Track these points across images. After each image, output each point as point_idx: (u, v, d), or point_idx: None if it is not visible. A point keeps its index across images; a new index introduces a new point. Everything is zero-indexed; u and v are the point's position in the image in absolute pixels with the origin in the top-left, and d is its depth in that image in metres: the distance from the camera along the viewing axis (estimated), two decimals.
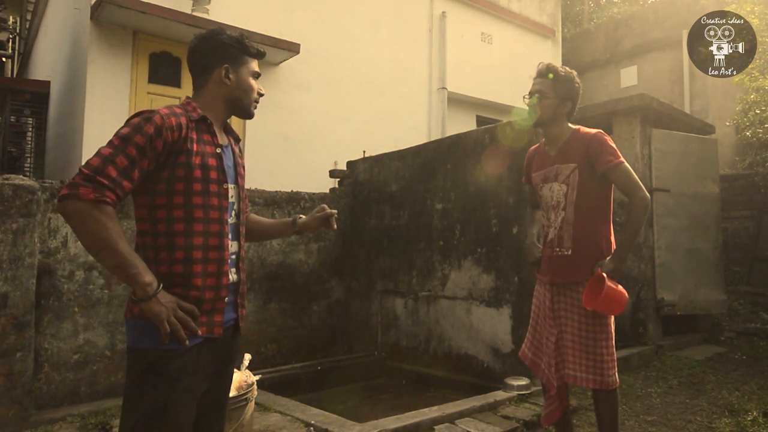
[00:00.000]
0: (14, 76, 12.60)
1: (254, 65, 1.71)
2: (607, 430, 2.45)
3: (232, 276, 1.63)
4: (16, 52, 13.17)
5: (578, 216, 2.43)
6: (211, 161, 1.57)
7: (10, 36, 12.45)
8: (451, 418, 3.18)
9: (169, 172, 1.50)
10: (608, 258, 2.40)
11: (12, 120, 8.27)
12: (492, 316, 4.03)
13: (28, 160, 8.45)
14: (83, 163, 1.41)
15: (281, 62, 6.84)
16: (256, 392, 2.68)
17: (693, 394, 4.00)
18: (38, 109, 8.25)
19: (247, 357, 2.79)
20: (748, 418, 3.34)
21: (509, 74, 9.51)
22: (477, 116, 9.36)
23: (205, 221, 1.54)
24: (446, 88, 8.70)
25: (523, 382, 3.62)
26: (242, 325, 1.70)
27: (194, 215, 1.52)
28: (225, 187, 1.60)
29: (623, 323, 5.02)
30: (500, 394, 3.54)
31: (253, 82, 1.69)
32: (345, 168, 5.66)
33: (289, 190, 4.91)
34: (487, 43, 9.58)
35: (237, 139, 1.77)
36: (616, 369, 2.44)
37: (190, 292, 1.50)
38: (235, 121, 6.74)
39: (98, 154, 1.42)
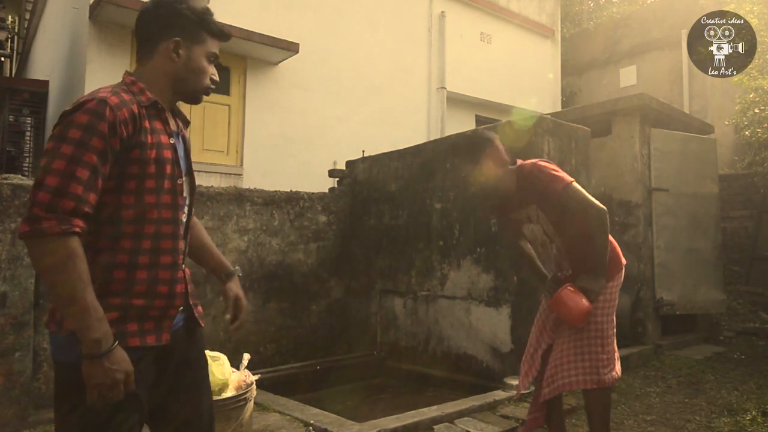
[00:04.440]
0: (13, 75, 12.59)
1: (213, 46, 1.47)
2: (598, 428, 2.46)
3: (184, 279, 1.46)
4: (15, 52, 13.15)
5: (566, 243, 2.48)
6: (166, 153, 1.37)
7: (9, 35, 12.44)
8: (450, 418, 3.18)
9: (120, 169, 1.29)
10: (583, 274, 2.42)
11: (11, 120, 8.25)
12: (491, 316, 4.03)
13: (27, 159, 8.44)
14: (36, 184, 1.20)
15: (280, 62, 6.84)
16: (255, 392, 2.67)
17: (692, 393, 4.01)
18: (37, 108, 8.24)
19: (246, 357, 2.79)
20: (747, 418, 3.34)
21: (508, 74, 9.52)
22: (476, 116, 9.36)
23: (158, 222, 1.35)
24: (445, 88, 8.70)
25: None
26: (204, 322, 1.54)
27: (146, 216, 1.33)
28: (180, 183, 1.41)
29: (622, 323, 5.01)
30: (499, 394, 3.54)
31: (206, 64, 1.45)
32: (344, 168, 5.66)
33: (288, 190, 4.91)
34: (487, 43, 9.58)
35: (186, 123, 1.55)
36: (614, 366, 2.45)
37: (132, 300, 1.32)
38: (237, 120, 6.75)
39: (50, 170, 1.20)
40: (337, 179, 5.68)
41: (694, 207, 5.54)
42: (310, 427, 3.01)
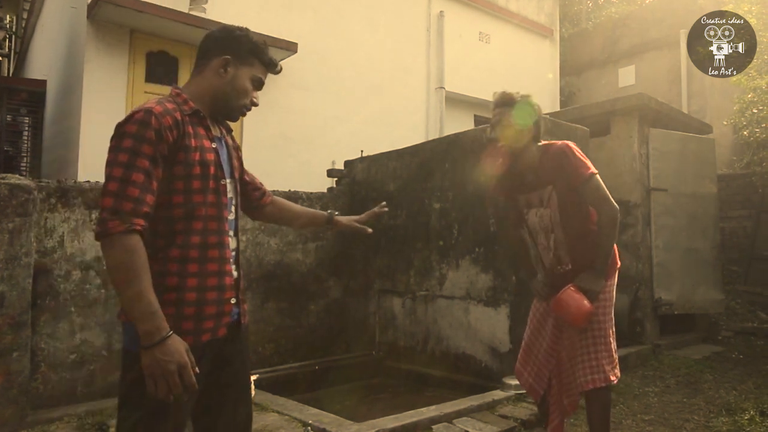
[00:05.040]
0: (10, 75, 12.56)
1: (260, 72, 1.64)
2: (597, 428, 2.46)
3: (234, 273, 1.60)
4: (12, 51, 13.12)
5: (568, 234, 2.43)
6: (209, 156, 1.52)
7: (6, 35, 12.41)
8: (448, 418, 3.18)
9: (169, 171, 1.44)
10: (583, 272, 2.39)
11: (8, 119, 8.23)
12: (490, 316, 4.03)
13: (25, 159, 8.42)
14: (102, 191, 1.38)
15: (279, 61, 6.83)
16: (253, 392, 2.67)
17: (690, 393, 4.01)
18: (35, 108, 8.21)
19: None
20: (745, 417, 3.35)
21: (507, 74, 9.51)
22: (475, 116, 9.35)
23: (205, 219, 1.49)
24: (444, 88, 8.69)
25: None
26: (246, 320, 1.65)
27: (194, 213, 1.47)
28: (223, 183, 1.56)
29: (621, 322, 5.02)
30: (498, 394, 3.54)
31: (249, 86, 1.61)
32: (342, 167, 5.65)
33: (287, 190, 4.90)
34: (485, 43, 9.58)
35: (229, 130, 1.71)
36: (615, 365, 2.45)
37: (185, 294, 1.45)
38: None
39: (111, 177, 1.36)
40: (336, 179, 5.68)
41: (692, 207, 5.55)
42: (309, 427, 3.01)
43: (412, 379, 4.49)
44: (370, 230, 2.01)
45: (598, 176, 2.35)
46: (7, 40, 13.12)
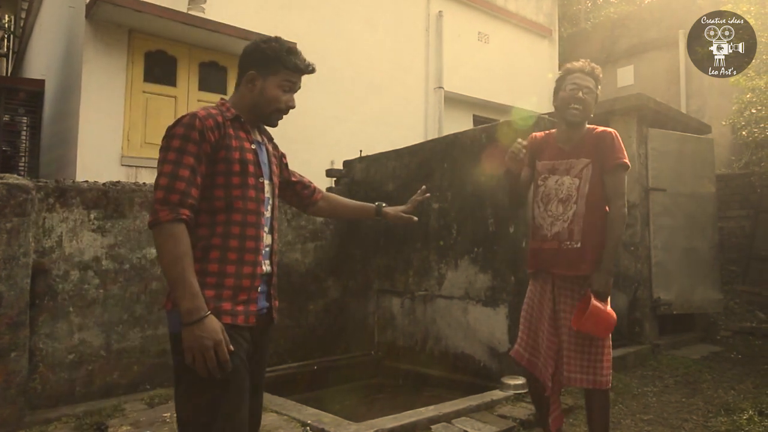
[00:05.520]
0: (9, 74, 12.54)
1: (290, 77, 1.75)
2: (597, 428, 2.46)
3: (266, 267, 1.70)
4: (11, 51, 13.11)
5: (588, 209, 2.45)
6: (248, 156, 1.66)
7: (5, 34, 12.40)
8: (447, 418, 3.18)
9: (211, 168, 1.60)
10: (595, 274, 2.39)
11: (6, 119, 8.22)
12: (489, 316, 4.03)
13: (23, 159, 8.41)
14: (155, 185, 1.55)
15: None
16: None
17: (689, 393, 4.01)
18: (33, 108, 8.20)
19: None
20: (744, 417, 3.35)
21: (506, 74, 9.52)
22: (474, 116, 9.36)
23: (244, 212, 1.63)
24: (443, 88, 8.69)
25: (520, 381, 3.61)
26: (276, 316, 1.76)
27: (234, 206, 1.61)
28: (261, 181, 1.69)
29: (620, 323, 5.01)
30: (497, 394, 3.54)
31: (278, 93, 1.73)
32: (341, 167, 5.65)
33: None
34: (484, 43, 9.58)
35: (270, 138, 1.86)
36: (611, 370, 2.44)
37: (225, 280, 1.58)
38: None
39: (162, 173, 1.54)
40: (335, 179, 5.67)
41: (691, 207, 5.55)
42: (308, 427, 3.01)
43: (411, 379, 4.49)
44: (416, 218, 2.13)
45: (625, 173, 2.45)
46: (6, 39, 13.11)
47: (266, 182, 1.72)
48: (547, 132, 2.70)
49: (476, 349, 4.10)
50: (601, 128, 2.54)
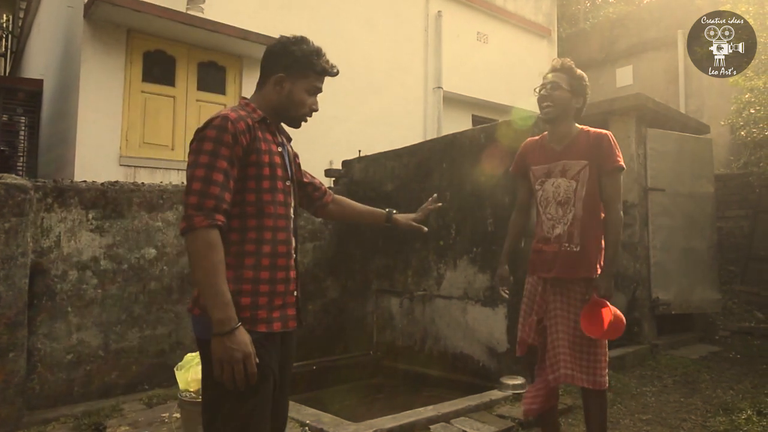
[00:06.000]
0: (7, 74, 12.52)
1: (317, 81, 1.75)
2: (595, 428, 2.46)
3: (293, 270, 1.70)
4: (9, 51, 13.08)
5: (585, 212, 2.45)
6: (277, 159, 1.65)
7: (3, 34, 12.38)
8: (446, 418, 3.17)
9: (243, 172, 1.57)
10: (598, 277, 2.39)
11: (5, 119, 8.20)
12: (487, 316, 4.02)
13: (21, 159, 8.39)
14: (186, 190, 1.51)
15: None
16: None
17: (688, 392, 4.01)
18: (31, 108, 8.19)
19: None
20: (742, 417, 3.35)
21: (505, 74, 9.52)
22: (473, 116, 9.36)
23: (275, 216, 1.62)
24: (442, 88, 8.69)
25: (519, 381, 3.61)
26: (303, 317, 1.76)
27: (265, 210, 1.59)
28: (288, 184, 1.69)
29: None
30: (496, 394, 3.54)
31: (306, 97, 1.73)
32: (340, 167, 5.64)
33: None
34: (483, 43, 9.58)
35: (289, 139, 1.84)
36: (607, 370, 2.45)
37: (260, 286, 1.56)
38: None
39: (194, 177, 1.49)
40: (334, 179, 5.67)
41: (690, 207, 5.55)
42: (307, 427, 3.00)
43: (410, 379, 4.49)
44: (425, 229, 2.13)
45: (621, 175, 2.45)
46: (4, 39, 13.09)
47: (291, 184, 1.72)
48: (541, 135, 2.70)
49: (475, 349, 4.10)
50: (595, 130, 2.52)
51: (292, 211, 1.71)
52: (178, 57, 6.26)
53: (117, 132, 5.78)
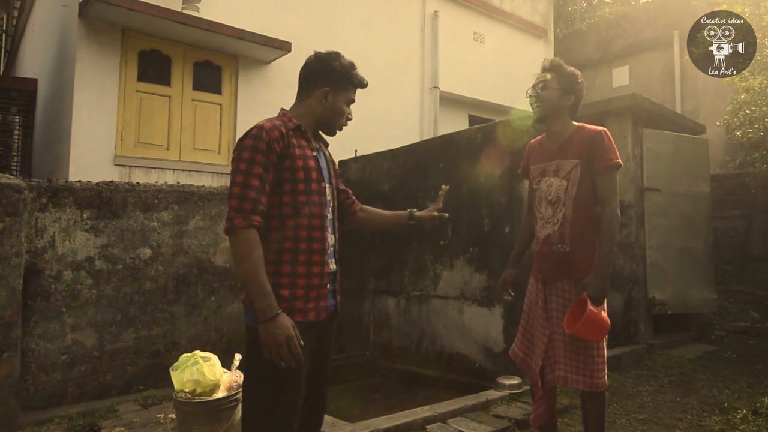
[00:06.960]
0: (1, 73, 12.45)
1: (353, 93, 1.95)
2: (593, 428, 2.45)
3: (332, 266, 1.86)
4: (3, 50, 13.01)
5: (576, 212, 2.41)
6: (311, 163, 1.80)
7: None
8: (443, 418, 3.17)
9: (278, 176, 1.73)
10: (589, 277, 2.36)
11: None
12: (484, 316, 4.02)
13: (16, 158, 8.34)
14: (228, 195, 1.70)
15: (272, 61, 6.80)
16: None
17: (684, 392, 4.02)
18: (26, 107, 8.14)
19: (238, 357, 2.77)
20: (738, 416, 3.36)
21: (501, 74, 9.52)
22: (469, 116, 9.36)
23: (309, 216, 1.77)
24: (438, 88, 8.69)
25: (515, 381, 3.62)
26: (339, 311, 1.94)
27: (300, 211, 1.75)
28: (323, 185, 1.83)
29: (615, 322, 5.02)
30: (492, 394, 3.54)
31: (345, 108, 1.92)
32: (337, 167, 5.63)
33: None
34: (480, 43, 9.59)
35: (326, 144, 2.00)
36: (606, 371, 2.43)
37: (297, 279, 1.73)
38: (228, 120, 6.72)
39: (235, 183, 1.68)
40: None
41: (686, 207, 5.56)
42: None
43: (406, 379, 4.48)
44: (446, 215, 2.24)
45: (617, 173, 2.40)
46: None
47: (327, 186, 1.86)
48: (541, 136, 2.69)
49: (471, 349, 4.10)
50: (590, 127, 2.49)
51: (329, 210, 1.86)
52: (173, 56, 6.24)
53: (112, 132, 5.75)
